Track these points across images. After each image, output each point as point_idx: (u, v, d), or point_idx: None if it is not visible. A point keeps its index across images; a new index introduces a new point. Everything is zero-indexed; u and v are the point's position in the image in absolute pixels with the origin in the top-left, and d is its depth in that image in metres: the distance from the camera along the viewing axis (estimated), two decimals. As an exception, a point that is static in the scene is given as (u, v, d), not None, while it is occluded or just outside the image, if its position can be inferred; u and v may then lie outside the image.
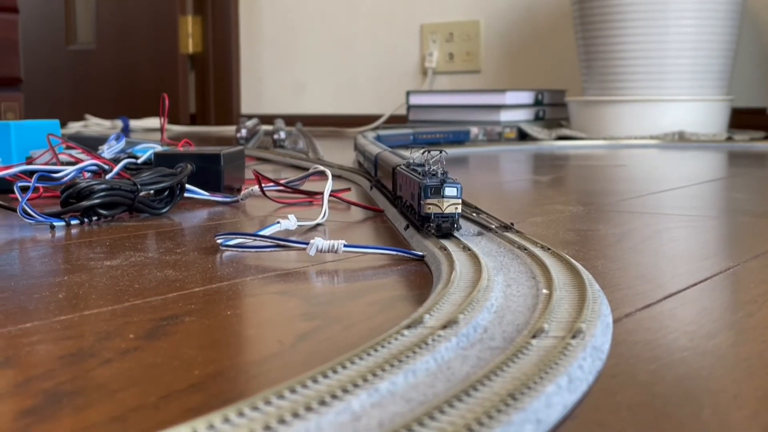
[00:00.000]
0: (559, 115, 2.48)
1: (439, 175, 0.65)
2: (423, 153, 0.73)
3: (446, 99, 2.43)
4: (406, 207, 0.76)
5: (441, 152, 0.70)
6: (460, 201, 0.64)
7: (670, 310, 0.50)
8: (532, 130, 2.26)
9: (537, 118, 2.40)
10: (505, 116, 2.29)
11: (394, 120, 2.74)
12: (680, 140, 2.12)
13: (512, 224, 0.71)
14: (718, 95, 2.24)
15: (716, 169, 1.60)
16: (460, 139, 2.08)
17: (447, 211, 0.63)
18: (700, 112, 2.21)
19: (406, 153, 0.91)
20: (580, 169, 1.64)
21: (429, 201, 0.63)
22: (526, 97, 2.39)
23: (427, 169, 0.69)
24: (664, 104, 2.20)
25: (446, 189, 0.63)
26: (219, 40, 3.53)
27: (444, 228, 0.64)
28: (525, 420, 0.30)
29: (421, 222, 0.66)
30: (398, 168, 0.80)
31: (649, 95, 2.21)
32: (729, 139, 2.13)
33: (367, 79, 3.17)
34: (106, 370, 0.39)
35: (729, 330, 0.45)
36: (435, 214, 0.64)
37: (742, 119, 2.40)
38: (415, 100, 2.45)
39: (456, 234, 0.65)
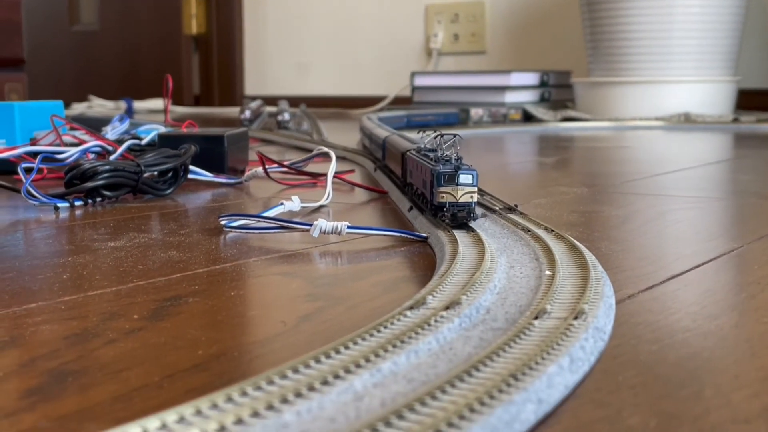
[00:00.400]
0: (564, 97, 2.47)
1: (453, 161, 0.62)
2: (435, 137, 0.69)
3: (451, 80, 2.42)
4: (416, 195, 0.72)
5: (455, 136, 0.67)
6: (476, 189, 0.60)
7: (673, 292, 0.50)
8: (537, 111, 2.25)
9: (542, 100, 2.39)
10: (510, 97, 2.28)
11: (399, 101, 2.73)
12: (686, 122, 2.11)
13: (516, 206, 0.71)
14: (725, 76, 2.23)
15: (722, 150, 1.59)
16: (450, 121, 2.08)
17: (462, 200, 0.60)
18: (706, 93, 2.20)
19: (416, 136, 0.84)
20: (585, 150, 1.64)
21: (442, 189, 0.60)
22: (532, 78, 2.37)
23: (440, 154, 0.65)
24: (670, 85, 2.19)
25: (461, 176, 0.59)
26: (223, 21, 3.52)
27: (459, 218, 0.61)
28: (526, 400, 0.30)
29: (434, 211, 0.62)
30: (408, 153, 0.76)
31: (655, 76, 2.20)
32: (735, 120, 2.11)
33: (372, 61, 3.16)
34: (110, 350, 0.39)
35: (731, 311, 0.45)
36: (450, 203, 0.60)
37: (748, 100, 2.39)
38: (419, 81, 2.44)
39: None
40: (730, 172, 1.21)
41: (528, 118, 2.25)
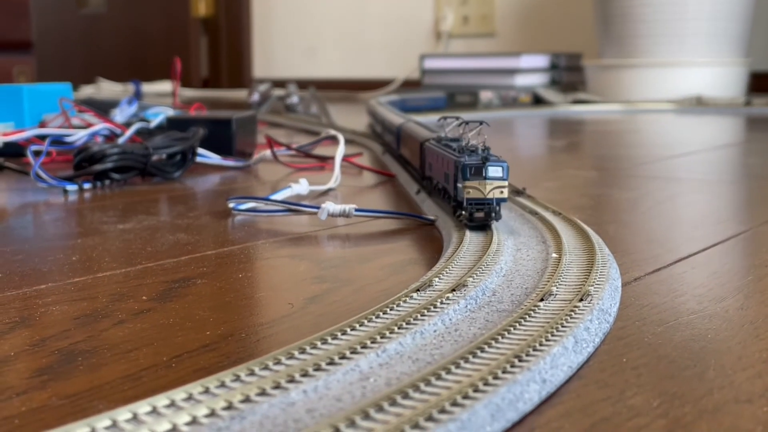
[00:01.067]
0: (575, 79, 2.45)
1: (480, 152, 0.55)
2: (459, 124, 0.62)
3: (460, 63, 2.41)
4: (437, 190, 0.65)
5: (481, 123, 0.60)
6: (506, 183, 0.53)
7: (680, 274, 0.50)
8: (548, 94, 2.24)
9: (553, 83, 2.37)
10: (520, 80, 2.27)
11: (408, 85, 2.73)
12: (698, 105, 2.09)
13: (524, 189, 0.71)
14: (737, 57, 2.21)
15: (733, 133, 1.58)
16: (438, 105, 2.08)
17: (490, 195, 0.53)
18: (718, 75, 2.18)
19: (435, 123, 0.76)
20: (595, 133, 1.63)
21: (469, 183, 0.53)
22: (542, 61, 2.36)
23: (464, 144, 0.58)
24: (682, 67, 2.18)
25: (490, 168, 0.53)
26: (231, 3, 3.51)
27: (476, 219, 0.53)
28: (530, 380, 0.31)
29: (456, 209, 0.56)
30: (428, 143, 0.68)
31: (667, 58, 2.18)
32: (747, 103, 2.10)
33: (380, 43, 3.15)
34: (119, 331, 0.40)
35: (737, 293, 0.45)
36: (475, 200, 0.53)
37: (760, 83, 2.37)
38: (428, 64, 2.43)
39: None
40: (741, 155, 1.21)
41: (538, 101, 2.24)
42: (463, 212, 0.54)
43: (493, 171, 0.53)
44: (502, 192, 0.53)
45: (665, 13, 2.17)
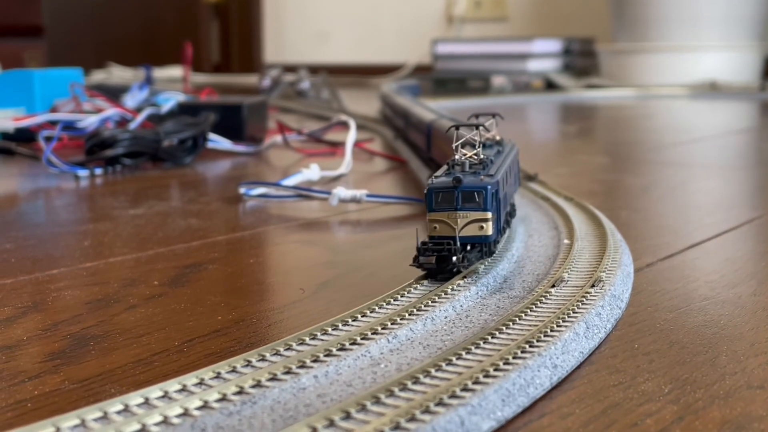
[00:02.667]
0: (588, 64, 2.44)
1: (468, 166, 0.43)
2: (469, 118, 0.52)
3: (472, 48, 2.39)
4: None
5: (494, 116, 0.52)
6: (489, 215, 0.40)
7: (693, 260, 0.49)
8: (560, 79, 2.22)
9: (565, 67, 2.36)
10: (533, 65, 2.26)
11: (419, 70, 2.71)
12: (712, 89, 2.08)
13: (536, 174, 0.71)
14: (752, 41, 2.19)
15: (747, 119, 1.57)
16: (415, 92, 2.06)
17: (465, 233, 0.40)
18: (732, 60, 2.16)
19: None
20: (608, 119, 1.62)
21: (435, 216, 0.40)
22: (555, 46, 2.34)
23: (476, 149, 0.46)
24: (696, 52, 2.16)
25: (465, 194, 0.40)
26: (242, -12, 3.50)
27: (425, 263, 0.40)
28: (541, 365, 0.30)
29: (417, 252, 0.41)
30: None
31: (681, 42, 2.16)
32: (762, 88, 2.08)
33: (391, 28, 3.13)
34: (131, 315, 0.40)
35: (750, 279, 0.45)
36: (443, 238, 0.40)
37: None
38: (440, 48, 2.42)
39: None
40: (755, 141, 1.20)
41: (551, 86, 2.23)
42: (418, 255, 0.40)
43: (469, 197, 0.40)
44: (482, 227, 0.40)
45: (679, -3, 2.14)
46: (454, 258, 0.39)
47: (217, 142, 0.99)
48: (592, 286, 0.39)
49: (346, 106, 1.65)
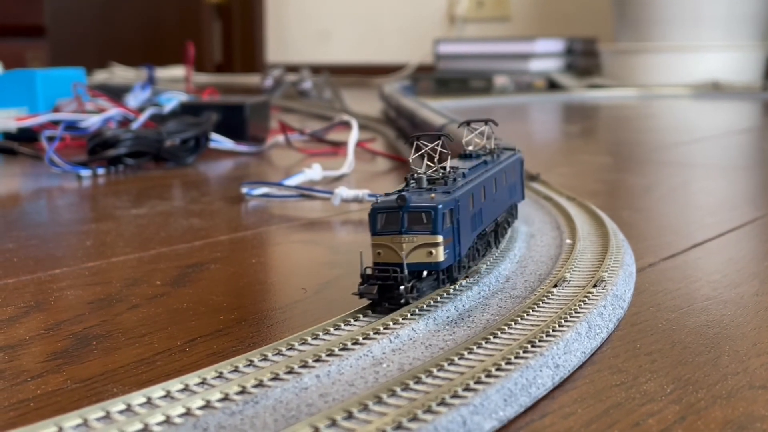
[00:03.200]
0: (590, 64, 2.43)
1: (426, 181, 0.38)
2: (460, 126, 0.49)
3: (475, 47, 2.39)
4: None
5: (487, 123, 0.48)
6: (439, 239, 0.35)
7: (695, 260, 0.49)
8: (562, 79, 2.22)
9: (568, 67, 2.36)
10: (535, 65, 2.25)
11: (421, 69, 2.71)
12: (714, 89, 2.07)
13: (538, 174, 0.71)
14: (754, 40, 2.18)
15: (749, 119, 1.57)
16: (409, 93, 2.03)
17: (411, 259, 0.35)
18: (735, 59, 2.16)
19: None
20: (610, 119, 1.62)
21: (379, 240, 0.36)
22: (557, 45, 2.34)
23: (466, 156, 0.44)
24: (699, 52, 2.15)
25: (411, 215, 0.35)
26: (244, -12, 3.50)
27: (365, 294, 0.36)
28: (543, 365, 0.30)
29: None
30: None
31: (683, 41, 2.16)
32: (765, 88, 2.08)
33: (393, 27, 3.13)
34: (133, 315, 0.40)
35: (752, 279, 0.45)
36: (388, 265, 0.35)
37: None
38: (442, 48, 2.42)
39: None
40: (757, 140, 1.19)
41: (553, 86, 2.23)
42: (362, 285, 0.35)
43: (416, 219, 0.35)
44: (431, 253, 0.35)
45: (681, -4, 2.14)
46: (402, 288, 0.35)
47: (220, 142, 0.99)
48: (595, 286, 0.39)
49: (348, 105, 1.65)
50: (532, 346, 0.32)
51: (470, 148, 0.47)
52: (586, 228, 0.52)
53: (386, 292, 0.35)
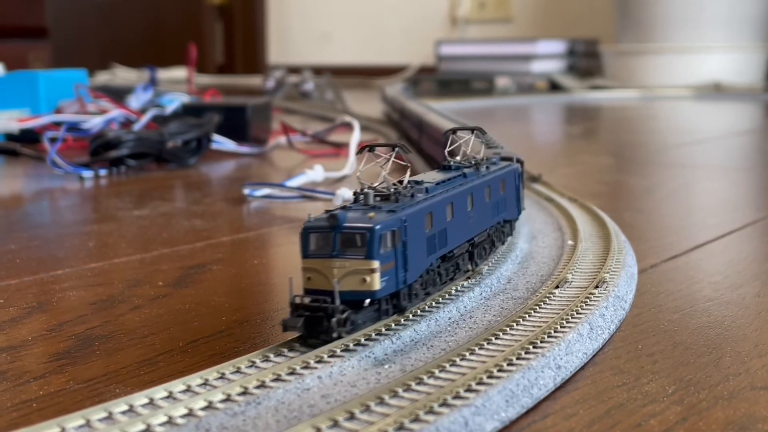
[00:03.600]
0: (592, 65, 2.43)
1: (372, 198, 0.34)
2: (445, 134, 0.45)
3: (476, 49, 2.39)
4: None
5: (473, 131, 0.44)
6: (375, 265, 0.31)
7: (697, 261, 0.49)
8: (564, 80, 2.22)
9: (570, 68, 2.36)
10: (537, 66, 2.25)
11: (423, 71, 2.71)
12: (716, 90, 2.07)
13: (540, 175, 0.71)
14: (756, 41, 2.18)
15: (751, 120, 1.57)
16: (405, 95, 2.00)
17: (344, 287, 0.31)
18: (736, 61, 2.16)
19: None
20: (612, 120, 1.62)
21: (309, 263, 0.32)
22: (559, 47, 2.34)
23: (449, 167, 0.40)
24: (700, 53, 2.15)
25: (340, 236, 0.31)
26: (246, -11, 3.50)
27: (289, 326, 0.31)
28: (545, 366, 0.31)
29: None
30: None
31: (685, 42, 2.16)
32: (767, 89, 2.08)
33: (395, 29, 3.13)
34: (136, 316, 0.40)
35: (754, 281, 0.45)
36: (312, 293, 0.32)
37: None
38: (444, 50, 2.42)
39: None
40: (759, 142, 1.19)
41: (555, 87, 2.23)
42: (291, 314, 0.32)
43: (349, 241, 0.31)
44: (365, 281, 0.31)
45: (683, -3, 2.14)
46: (333, 320, 0.31)
47: (221, 143, 0.99)
48: (596, 287, 0.39)
49: (349, 107, 1.65)
50: (534, 347, 0.32)
51: (455, 158, 0.43)
52: (588, 229, 0.52)
53: (317, 324, 0.31)
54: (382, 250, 0.31)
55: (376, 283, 0.31)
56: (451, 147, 0.44)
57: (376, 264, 0.31)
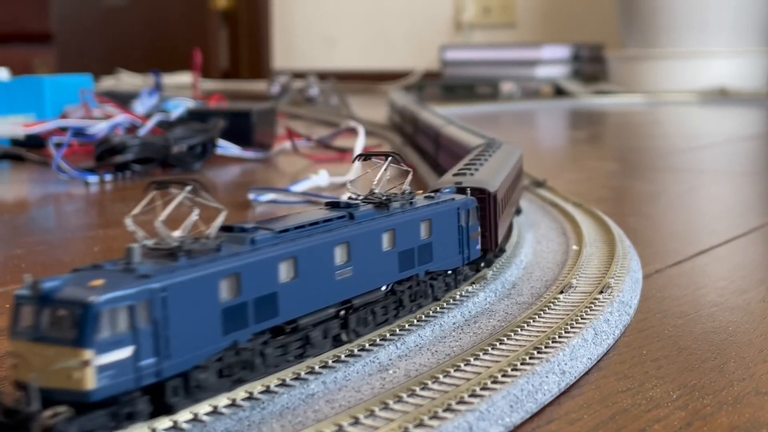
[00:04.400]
0: (597, 70, 2.43)
1: (137, 256, 0.28)
2: (355, 159, 0.39)
3: (481, 54, 2.40)
4: None
5: (388, 156, 0.37)
6: (86, 357, 0.23)
7: (702, 266, 0.49)
8: (569, 85, 2.22)
9: (574, 74, 2.36)
10: (542, 71, 2.26)
11: (428, 76, 2.72)
12: (721, 95, 2.07)
13: (545, 180, 0.71)
14: (762, 46, 2.18)
15: (757, 125, 1.56)
16: None
17: (50, 383, 0.23)
18: (742, 66, 2.16)
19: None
20: (617, 125, 1.62)
21: (15, 345, 0.24)
22: (563, 52, 2.34)
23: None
24: (706, 58, 2.15)
25: (46, 311, 0.24)
26: (251, -5, 3.51)
27: None
28: (549, 371, 0.30)
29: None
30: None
31: (690, 47, 2.16)
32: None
33: (400, 34, 3.14)
34: (140, 321, 0.40)
35: (759, 286, 0.45)
36: (18, 385, 0.24)
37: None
38: (449, 55, 2.42)
39: None
40: (764, 147, 1.19)
41: (560, 92, 2.23)
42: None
43: (55, 320, 0.24)
44: (69, 377, 0.23)
45: (688, 3, 2.14)
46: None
47: (226, 148, 0.99)
48: (601, 292, 0.39)
49: (354, 112, 1.65)
50: (539, 353, 0.32)
51: (349, 194, 0.35)
52: (593, 234, 0.52)
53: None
54: (103, 333, 0.23)
55: (89, 380, 0.23)
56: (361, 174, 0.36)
57: (88, 355, 0.23)
